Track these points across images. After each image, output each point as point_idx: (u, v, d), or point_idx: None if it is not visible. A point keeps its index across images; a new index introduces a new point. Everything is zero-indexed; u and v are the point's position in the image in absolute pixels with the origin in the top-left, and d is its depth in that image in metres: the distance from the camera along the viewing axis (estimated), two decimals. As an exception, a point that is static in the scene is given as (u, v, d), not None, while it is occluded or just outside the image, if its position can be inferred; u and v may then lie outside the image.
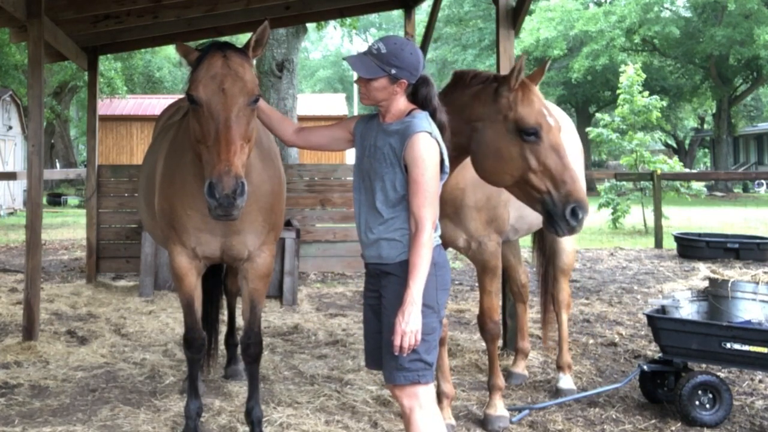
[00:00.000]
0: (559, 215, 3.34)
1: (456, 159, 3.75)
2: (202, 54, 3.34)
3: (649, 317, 4.59)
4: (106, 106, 27.05)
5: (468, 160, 3.88)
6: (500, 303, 4.89)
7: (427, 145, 2.88)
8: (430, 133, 2.90)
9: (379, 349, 3.01)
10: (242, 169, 3.13)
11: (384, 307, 2.98)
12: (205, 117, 3.19)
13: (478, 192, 4.07)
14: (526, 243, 8.05)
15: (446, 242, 4.19)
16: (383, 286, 2.99)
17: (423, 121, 2.93)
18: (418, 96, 3.02)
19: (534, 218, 4.70)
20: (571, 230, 3.37)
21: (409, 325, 2.79)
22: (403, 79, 2.94)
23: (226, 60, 3.28)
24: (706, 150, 46.41)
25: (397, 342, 2.80)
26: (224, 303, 5.47)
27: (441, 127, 3.01)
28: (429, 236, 2.86)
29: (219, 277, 5.24)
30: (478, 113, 3.54)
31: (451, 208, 4.03)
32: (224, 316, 5.55)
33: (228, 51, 3.34)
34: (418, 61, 2.96)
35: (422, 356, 2.89)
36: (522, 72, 3.48)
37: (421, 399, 2.92)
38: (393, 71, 2.92)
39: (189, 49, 3.43)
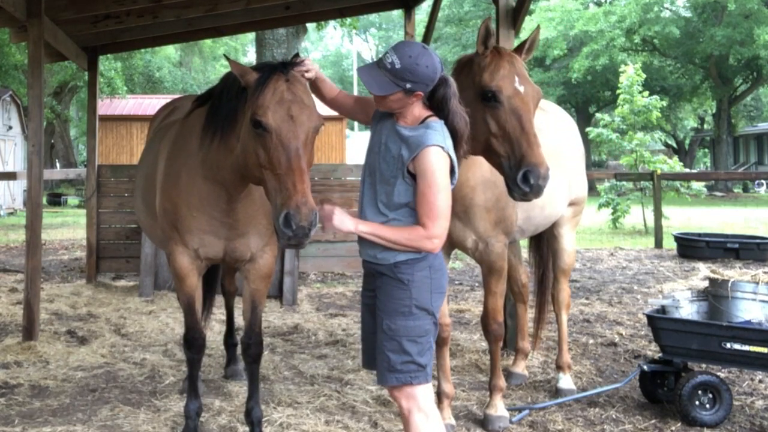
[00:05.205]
0: (511, 179, 3.33)
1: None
2: (262, 76, 3.20)
3: (649, 317, 4.59)
4: (106, 106, 27.02)
5: (477, 160, 3.87)
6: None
7: (438, 160, 2.81)
8: (442, 147, 2.82)
9: (375, 350, 2.99)
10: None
11: (377, 308, 2.95)
12: (273, 144, 3.10)
13: (488, 192, 4.05)
14: (525, 243, 8.03)
15: (454, 242, 4.18)
16: (378, 287, 2.97)
17: (436, 133, 2.85)
18: (436, 96, 2.93)
19: (541, 219, 4.69)
20: (523, 196, 3.32)
21: (335, 218, 2.87)
22: (418, 92, 2.87)
23: (290, 85, 3.18)
24: (706, 150, 46.42)
25: (322, 215, 2.88)
26: (222, 303, 5.46)
27: (455, 132, 2.92)
28: (431, 234, 2.82)
29: (213, 276, 5.21)
30: (462, 85, 3.53)
31: (461, 207, 4.01)
32: (223, 316, 5.55)
33: (290, 74, 3.22)
34: (434, 72, 2.86)
35: (414, 358, 2.87)
36: (492, 38, 3.51)
37: (419, 401, 2.90)
38: (408, 86, 2.84)
39: (246, 69, 3.29)
